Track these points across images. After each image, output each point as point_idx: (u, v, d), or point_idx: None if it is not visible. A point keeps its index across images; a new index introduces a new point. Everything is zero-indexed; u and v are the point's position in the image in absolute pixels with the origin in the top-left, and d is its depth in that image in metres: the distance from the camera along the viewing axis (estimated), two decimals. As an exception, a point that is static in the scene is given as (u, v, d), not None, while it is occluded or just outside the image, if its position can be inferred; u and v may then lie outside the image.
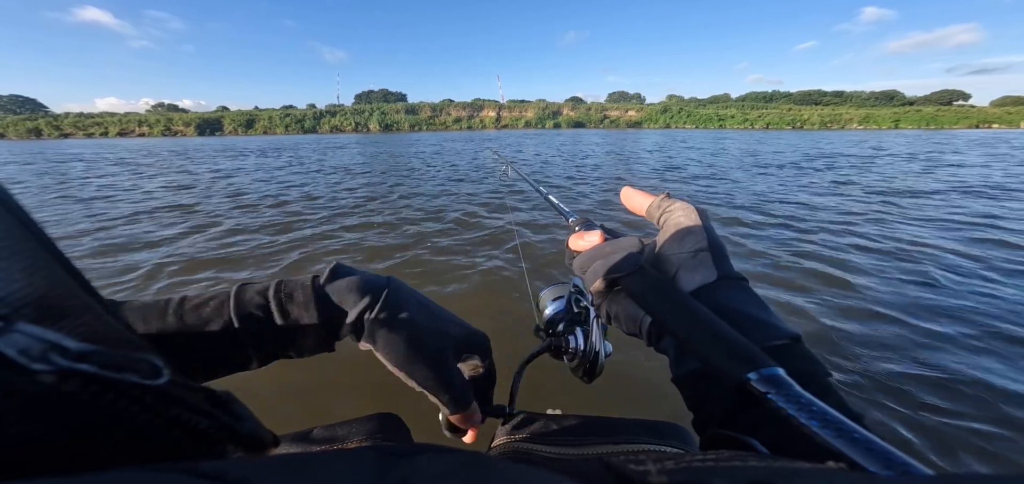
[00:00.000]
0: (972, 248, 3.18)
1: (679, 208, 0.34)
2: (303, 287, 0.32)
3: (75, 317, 0.15)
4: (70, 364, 0.12)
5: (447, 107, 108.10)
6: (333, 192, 6.29)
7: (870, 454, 0.17)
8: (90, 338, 0.14)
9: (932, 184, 6.34)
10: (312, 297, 0.32)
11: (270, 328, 0.31)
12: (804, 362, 0.25)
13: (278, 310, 0.31)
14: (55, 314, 0.14)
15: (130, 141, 48.74)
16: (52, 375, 0.12)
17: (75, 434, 0.13)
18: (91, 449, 0.13)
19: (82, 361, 0.13)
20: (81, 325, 0.15)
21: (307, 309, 0.31)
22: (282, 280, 0.33)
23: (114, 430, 0.14)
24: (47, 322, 0.13)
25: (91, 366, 0.13)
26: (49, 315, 0.14)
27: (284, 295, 0.32)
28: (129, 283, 2.86)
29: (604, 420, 0.47)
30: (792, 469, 0.15)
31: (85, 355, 0.13)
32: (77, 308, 0.15)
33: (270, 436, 0.20)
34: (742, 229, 3.88)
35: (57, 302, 0.14)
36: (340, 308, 0.32)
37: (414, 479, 0.14)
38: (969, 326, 2.04)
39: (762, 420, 0.22)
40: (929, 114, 76.13)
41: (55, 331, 0.13)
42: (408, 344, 0.33)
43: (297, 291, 0.32)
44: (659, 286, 0.29)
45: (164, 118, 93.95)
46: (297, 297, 0.32)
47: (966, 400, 1.56)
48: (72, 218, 4.79)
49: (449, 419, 0.38)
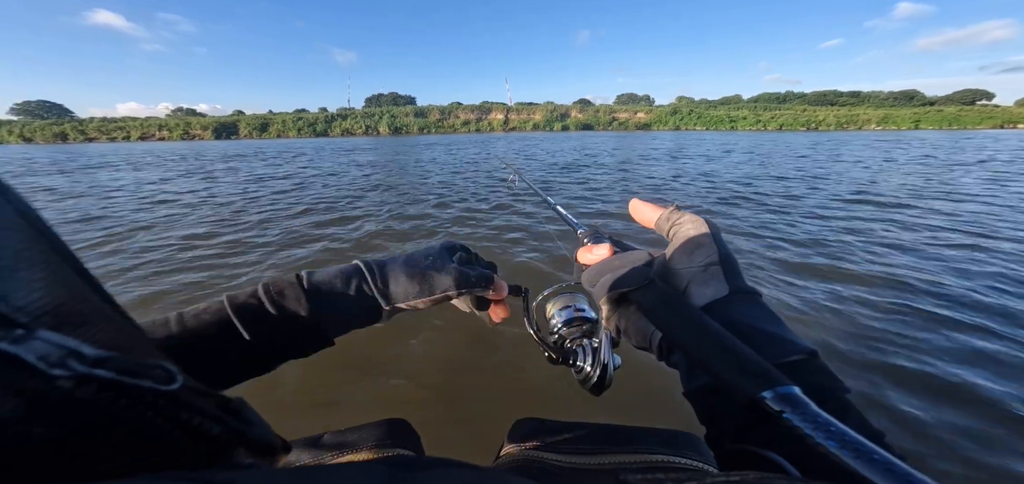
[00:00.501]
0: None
1: (689, 221, 0.34)
2: (291, 284, 0.34)
3: (92, 324, 0.15)
4: (87, 370, 0.13)
5: (455, 110, 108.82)
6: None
7: (891, 476, 0.16)
8: (106, 345, 0.15)
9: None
10: (302, 293, 0.34)
11: (267, 325, 0.33)
12: (821, 378, 0.25)
13: (272, 305, 0.33)
14: (73, 321, 0.14)
15: (154, 145, 49.57)
16: (70, 380, 0.12)
17: (90, 439, 0.13)
18: (106, 454, 0.14)
19: (99, 367, 0.13)
20: (98, 332, 0.15)
21: (300, 303, 0.34)
22: (267, 282, 0.35)
23: (128, 435, 0.14)
24: (65, 329, 0.14)
25: (107, 371, 0.13)
26: (67, 322, 0.14)
27: (274, 293, 0.34)
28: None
29: (617, 428, 0.46)
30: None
31: (101, 361, 0.13)
32: (94, 316, 0.16)
33: (280, 442, 0.21)
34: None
35: (75, 310, 0.15)
36: (332, 299, 0.35)
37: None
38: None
39: (776, 437, 0.22)
40: (951, 114, 73.57)
41: (73, 338, 0.13)
42: (417, 278, 0.38)
43: (286, 288, 0.34)
44: (669, 300, 0.29)
45: (182, 122, 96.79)
46: (288, 294, 0.34)
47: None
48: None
49: (478, 304, 0.44)
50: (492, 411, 1.44)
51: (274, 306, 0.33)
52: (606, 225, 4.25)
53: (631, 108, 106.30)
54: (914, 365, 1.67)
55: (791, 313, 2.17)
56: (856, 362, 1.71)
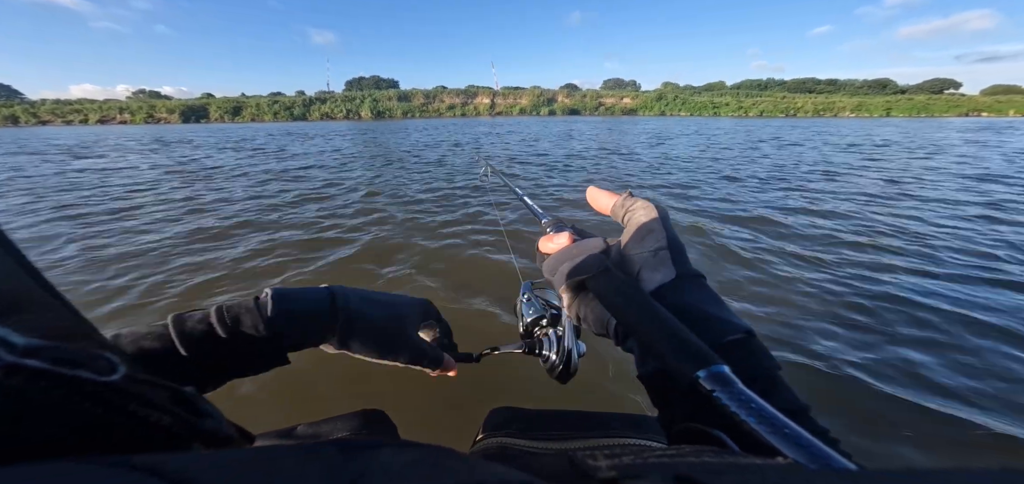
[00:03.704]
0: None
1: (640, 207, 0.35)
2: (249, 310, 0.34)
3: (27, 312, 0.15)
4: (15, 359, 0.12)
5: (440, 94, 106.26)
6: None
7: (799, 449, 0.18)
8: (44, 334, 0.14)
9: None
10: (260, 319, 0.34)
11: (217, 349, 0.32)
12: (755, 357, 0.26)
13: (224, 330, 0.33)
14: (5, 309, 0.14)
15: (115, 128, 46.75)
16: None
17: (24, 430, 0.13)
18: (49, 446, 0.13)
19: (29, 356, 0.13)
20: (32, 321, 0.15)
21: (257, 330, 0.34)
22: (223, 305, 0.34)
23: (68, 427, 0.13)
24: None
25: (39, 361, 0.13)
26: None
27: (229, 317, 0.33)
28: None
29: (588, 415, 0.49)
30: (720, 464, 0.15)
31: (33, 350, 0.13)
32: (28, 304, 0.15)
33: (237, 432, 0.20)
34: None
35: (8, 298, 0.14)
36: (292, 325, 0.35)
37: (370, 472, 0.13)
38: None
39: (715, 417, 0.22)
40: (920, 102, 76.71)
41: (2, 326, 0.13)
42: (376, 340, 0.39)
43: (243, 314, 0.34)
44: (621, 287, 0.30)
45: (146, 105, 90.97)
46: (245, 320, 0.33)
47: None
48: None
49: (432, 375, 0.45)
50: (472, 402, 1.39)
51: (227, 331, 0.33)
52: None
53: (618, 93, 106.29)
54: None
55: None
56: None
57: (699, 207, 4.14)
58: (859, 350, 1.70)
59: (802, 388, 0.33)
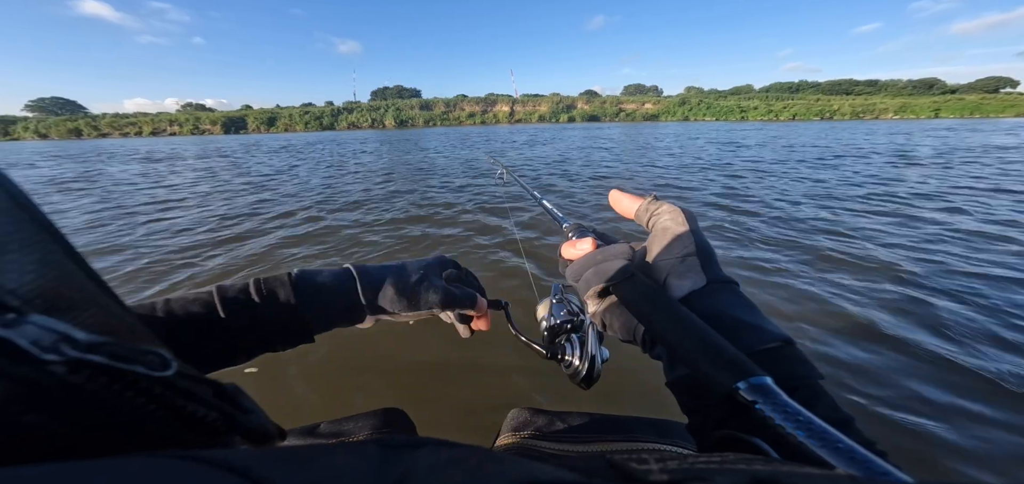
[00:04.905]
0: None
1: (666, 211, 0.34)
2: (282, 283, 0.36)
3: (85, 309, 0.15)
4: (80, 355, 0.12)
5: (461, 102, 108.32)
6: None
7: (852, 462, 0.17)
8: (100, 330, 0.14)
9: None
10: (291, 290, 0.36)
11: (252, 316, 0.35)
12: (795, 366, 0.25)
13: (260, 298, 0.35)
14: (65, 306, 0.14)
15: (166, 140, 48.87)
16: (62, 366, 0.12)
17: (84, 424, 0.13)
18: (99, 439, 0.14)
19: (92, 352, 0.13)
20: (91, 317, 0.15)
21: (288, 299, 0.36)
22: (260, 277, 0.37)
23: (122, 421, 0.14)
24: (57, 313, 0.13)
25: (100, 357, 0.13)
26: (60, 307, 0.14)
27: (265, 288, 0.36)
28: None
29: (610, 418, 0.47)
30: (798, 472, 0.15)
31: (94, 346, 0.13)
32: (87, 301, 0.16)
33: (276, 429, 0.20)
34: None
35: (67, 294, 0.15)
36: (319, 298, 0.37)
37: (416, 470, 0.14)
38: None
39: (752, 426, 0.22)
40: (972, 102, 71.04)
41: (65, 322, 0.13)
42: (404, 293, 0.40)
43: (277, 287, 0.36)
44: (648, 293, 0.29)
45: (193, 117, 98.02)
46: (279, 292, 0.36)
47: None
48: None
49: (462, 321, 0.46)
50: (490, 402, 1.41)
51: (262, 299, 0.35)
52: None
53: (638, 99, 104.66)
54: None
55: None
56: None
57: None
58: None
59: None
